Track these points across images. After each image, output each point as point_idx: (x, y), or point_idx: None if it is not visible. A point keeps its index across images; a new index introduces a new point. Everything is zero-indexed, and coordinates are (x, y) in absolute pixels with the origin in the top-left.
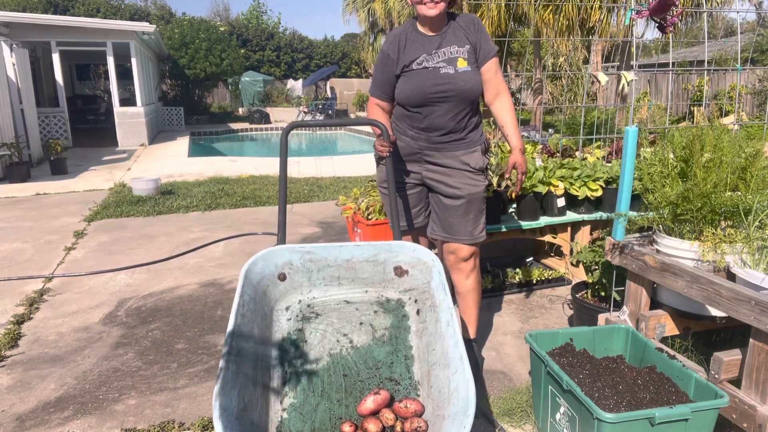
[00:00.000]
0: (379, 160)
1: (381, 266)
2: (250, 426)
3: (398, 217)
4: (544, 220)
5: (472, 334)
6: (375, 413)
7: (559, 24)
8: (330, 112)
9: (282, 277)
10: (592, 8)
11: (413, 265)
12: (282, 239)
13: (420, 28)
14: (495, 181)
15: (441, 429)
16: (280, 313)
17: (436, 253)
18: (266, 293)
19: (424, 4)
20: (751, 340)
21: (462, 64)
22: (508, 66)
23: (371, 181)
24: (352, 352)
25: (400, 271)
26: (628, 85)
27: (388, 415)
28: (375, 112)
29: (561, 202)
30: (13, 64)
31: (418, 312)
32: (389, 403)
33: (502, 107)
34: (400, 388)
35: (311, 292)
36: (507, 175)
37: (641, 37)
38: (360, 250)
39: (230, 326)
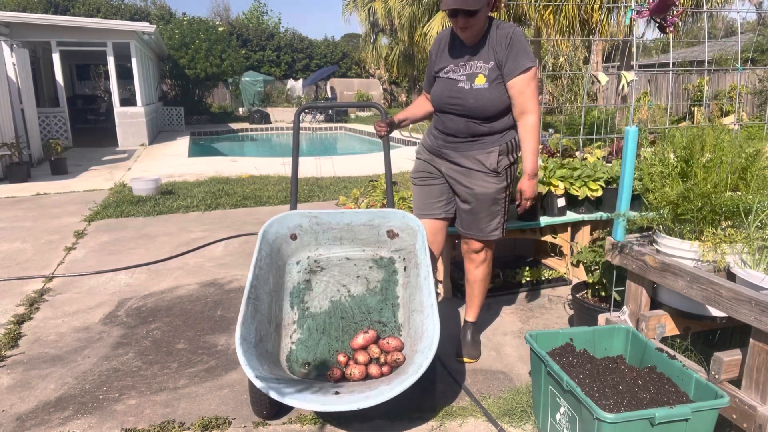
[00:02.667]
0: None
1: (376, 229)
2: (265, 353)
3: (392, 192)
4: (544, 220)
5: (473, 318)
6: (364, 347)
7: (560, 24)
8: (330, 112)
9: (293, 237)
10: (592, 8)
11: (402, 229)
12: (294, 206)
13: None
14: None
15: (414, 360)
16: (292, 266)
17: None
18: (280, 250)
19: (459, 28)
20: (751, 340)
21: (480, 81)
22: None
23: (371, 181)
24: (350, 299)
25: (392, 234)
26: (628, 85)
27: (374, 349)
28: (418, 99)
29: (561, 202)
30: (13, 64)
31: (405, 269)
32: (376, 340)
33: (523, 127)
34: (386, 329)
35: (318, 250)
36: (517, 202)
37: (641, 37)
38: (358, 215)
39: (250, 276)
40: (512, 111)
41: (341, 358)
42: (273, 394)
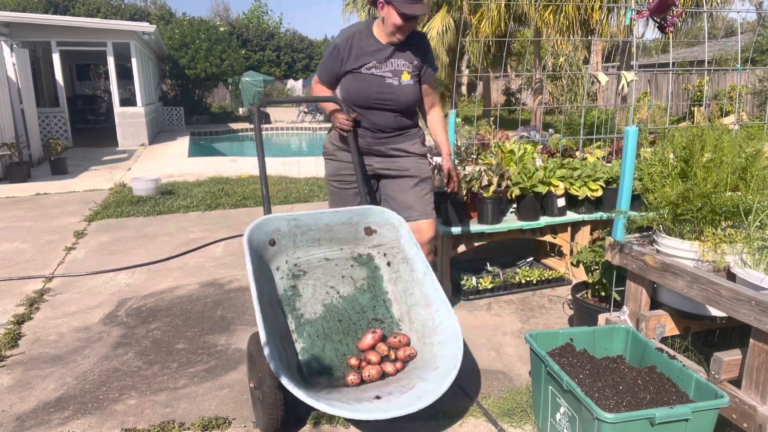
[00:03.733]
0: (338, 141)
1: (354, 227)
2: (287, 368)
3: (365, 189)
4: (544, 220)
5: None
6: (373, 347)
7: (560, 24)
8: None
9: (272, 243)
10: (592, 8)
11: (381, 225)
12: (268, 210)
13: (375, 34)
14: (495, 180)
15: (435, 353)
16: (275, 273)
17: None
18: (262, 257)
19: (402, 29)
20: (751, 340)
21: (406, 78)
22: (508, 66)
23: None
24: (341, 300)
25: (369, 231)
26: (628, 85)
27: (382, 347)
28: (321, 89)
29: (561, 202)
30: (13, 64)
31: (389, 264)
32: (383, 339)
33: (437, 117)
34: (384, 325)
35: (295, 253)
36: (445, 182)
37: (641, 37)
38: (338, 215)
39: (254, 292)
40: (423, 105)
41: (353, 361)
42: (327, 408)
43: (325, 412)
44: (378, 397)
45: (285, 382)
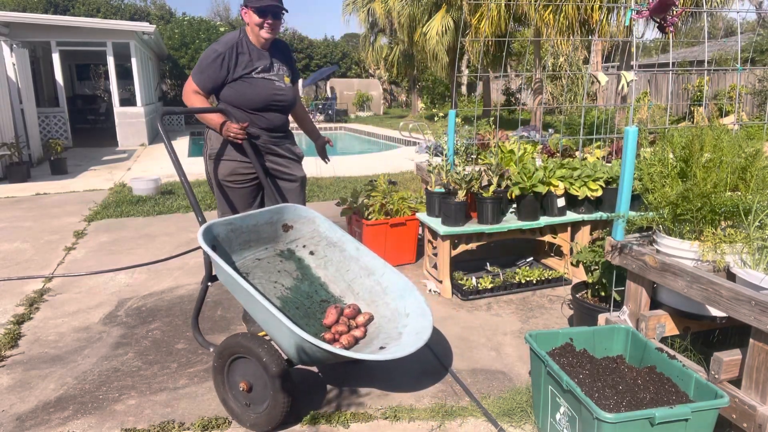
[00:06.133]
0: (220, 152)
1: (274, 226)
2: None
3: (271, 188)
4: (544, 220)
5: None
6: (337, 320)
7: (560, 24)
8: (330, 112)
9: (213, 250)
10: (592, 8)
11: (295, 221)
12: (202, 219)
13: (252, 41)
14: (495, 180)
15: (395, 307)
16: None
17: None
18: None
19: (264, 28)
20: (751, 340)
21: (287, 81)
22: (508, 66)
23: (371, 181)
24: (289, 291)
25: (286, 227)
26: (628, 85)
27: (343, 319)
28: (200, 100)
29: (561, 202)
30: (13, 64)
31: (311, 253)
32: (341, 312)
33: (301, 108)
34: (330, 304)
35: (231, 258)
36: (324, 159)
37: (641, 37)
38: (262, 216)
39: (267, 302)
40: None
41: (328, 336)
42: (364, 357)
43: (363, 359)
44: (383, 347)
45: (338, 349)
